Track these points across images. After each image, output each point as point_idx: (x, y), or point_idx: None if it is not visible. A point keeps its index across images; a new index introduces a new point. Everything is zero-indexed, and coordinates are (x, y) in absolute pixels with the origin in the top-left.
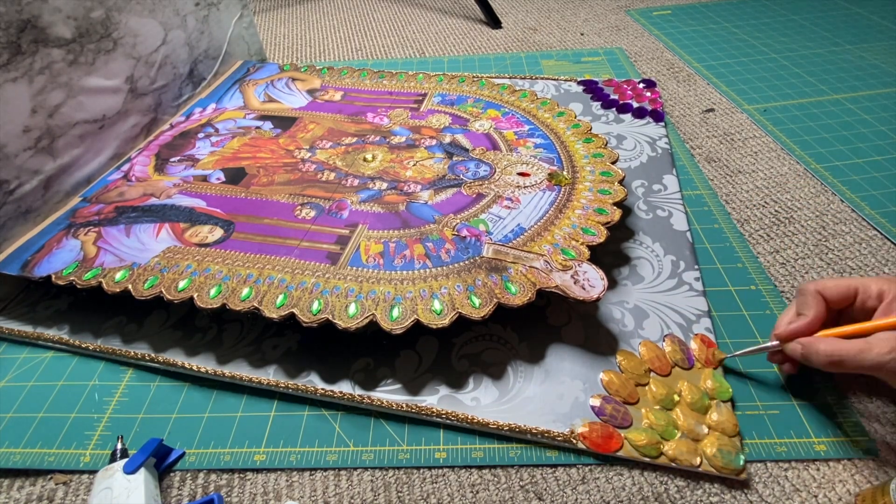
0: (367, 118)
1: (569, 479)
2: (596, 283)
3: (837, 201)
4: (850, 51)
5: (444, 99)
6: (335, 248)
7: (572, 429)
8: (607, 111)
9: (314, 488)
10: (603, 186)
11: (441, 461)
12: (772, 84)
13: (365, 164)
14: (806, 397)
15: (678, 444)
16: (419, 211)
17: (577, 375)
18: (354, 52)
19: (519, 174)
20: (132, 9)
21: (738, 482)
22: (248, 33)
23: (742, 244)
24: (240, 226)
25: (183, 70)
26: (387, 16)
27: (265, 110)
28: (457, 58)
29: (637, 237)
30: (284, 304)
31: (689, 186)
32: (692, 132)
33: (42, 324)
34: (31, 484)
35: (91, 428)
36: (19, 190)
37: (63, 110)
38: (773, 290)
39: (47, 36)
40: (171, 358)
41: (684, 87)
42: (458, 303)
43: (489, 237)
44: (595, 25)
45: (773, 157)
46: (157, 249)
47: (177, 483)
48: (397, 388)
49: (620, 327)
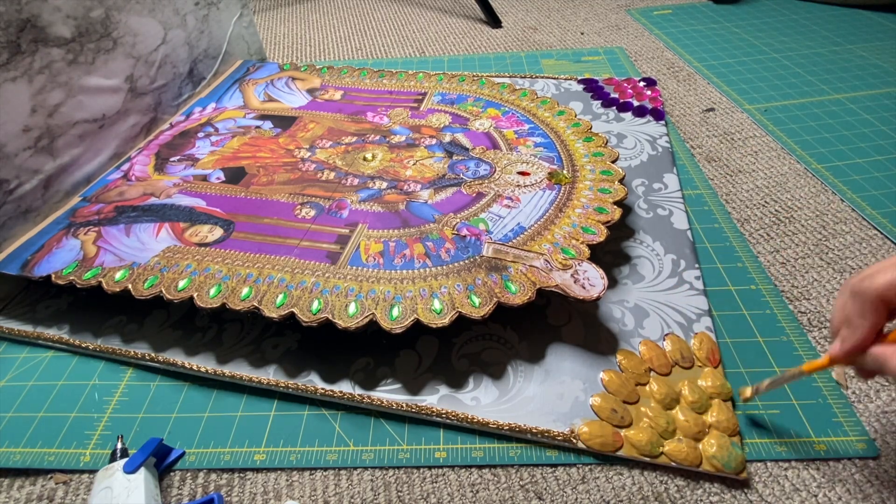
0: (367, 117)
1: (569, 479)
2: (596, 282)
3: (837, 201)
4: (850, 50)
5: (444, 98)
6: (335, 248)
7: (572, 428)
8: (607, 110)
9: (314, 488)
10: (603, 185)
11: (441, 461)
12: (772, 84)
13: (365, 163)
14: (806, 397)
15: (678, 444)
16: (419, 210)
17: (577, 375)
18: (354, 51)
19: (519, 173)
20: (132, 8)
21: (738, 482)
22: (248, 32)
23: (742, 244)
24: (240, 225)
25: (183, 69)
26: (387, 15)
27: (265, 109)
28: (457, 57)
29: (637, 236)
30: (284, 303)
31: (689, 186)
32: (692, 131)
33: (42, 323)
34: (31, 483)
35: (91, 427)
36: (19, 189)
37: (63, 110)
38: (774, 289)
39: (47, 35)
40: (171, 358)
41: (684, 87)
42: (458, 302)
43: (489, 236)
44: (595, 25)
45: (774, 157)
46: (156, 249)
47: (177, 483)
48: (397, 387)
49: (621, 326)
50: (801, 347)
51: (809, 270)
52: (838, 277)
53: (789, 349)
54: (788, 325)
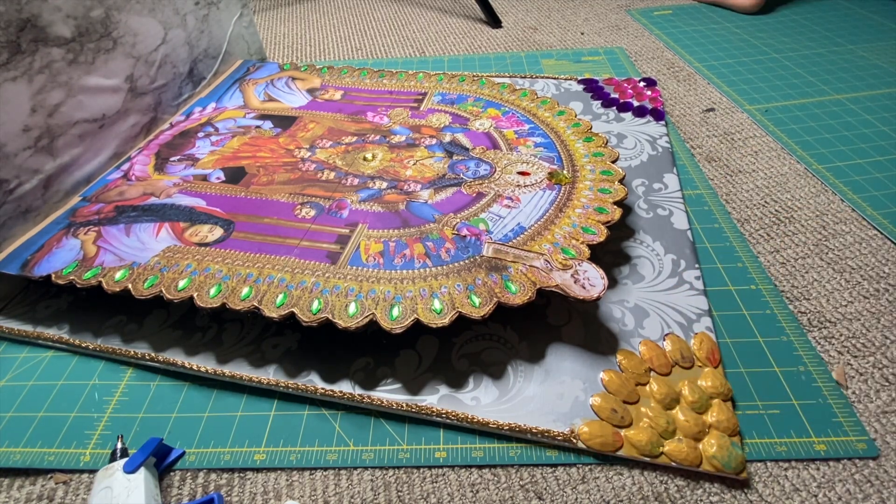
0: (367, 117)
1: (569, 479)
2: (596, 282)
3: (838, 201)
4: (851, 51)
5: (445, 98)
6: (335, 248)
7: (572, 428)
8: (607, 110)
9: (314, 488)
10: (603, 185)
11: (441, 461)
12: (772, 84)
13: (365, 163)
14: (806, 397)
15: (678, 444)
16: (419, 210)
17: (577, 375)
18: (354, 51)
19: (519, 173)
20: (132, 8)
21: (738, 482)
22: (248, 32)
23: (742, 244)
24: (240, 225)
25: (183, 69)
26: (387, 15)
27: (265, 109)
28: (457, 57)
29: (637, 236)
30: (284, 303)
31: (689, 186)
32: (692, 132)
33: (42, 323)
34: (31, 483)
35: (91, 427)
36: (19, 189)
37: (63, 109)
38: (773, 289)
39: (47, 35)
40: (171, 357)
41: (684, 87)
42: (458, 302)
43: (489, 236)
44: (595, 25)
45: (773, 157)
46: (156, 249)
47: (177, 482)
48: (397, 387)
49: (621, 326)
50: (801, 347)
51: (809, 270)
52: (838, 277)
53: (789, 349)
54: (788, 325)
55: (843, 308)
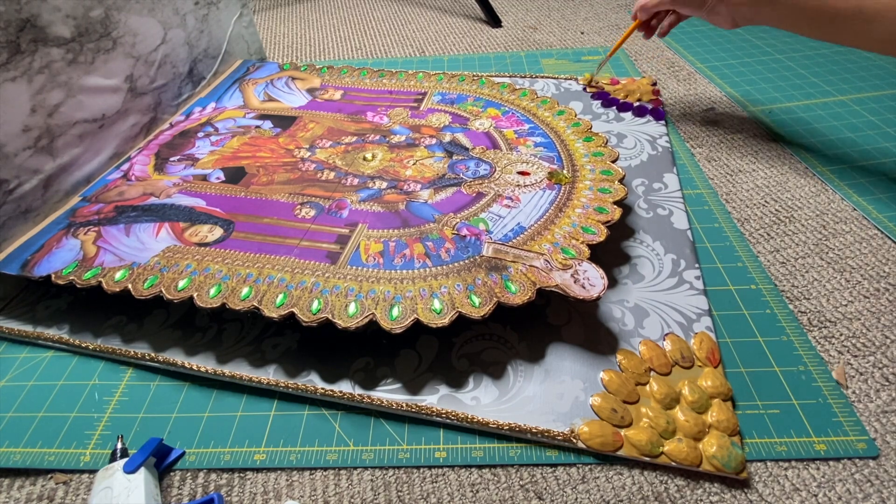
0: (367, 117)
1: (569, 479)
2: (596, 281)
3: (838, 200)
4: (853, 51)
5: (444, 98)
6: (335, 248)
7: (572, 428)
8: (607, 110)
9: (314, 488)
10: (603, 185)
11: (441, 460)
12: (773, 84)
13: (365, 163)
14: (806, 397)
15: (678, 444)
16: (419, 210)
17: (577, 375)
18: (354, 50)
19: (519, 173)
20: (131, 8)
21: (738, 481)
22: (248, 32)
23: (742, 243)
24: (239, 225)
25: (182, 69)
26: (387, 15)
27: (265, 109)
28: (457, 56)
29: (637, 236)
30: (284, 303)
31: (689, 185)
32: (692, 131)
33: (42, 323)
34: (31, 483)
35: (91, 427)
36: (19, 189)
37: (62, 109)
38: (773, 289)
39: (46, 35)
40: (171, 357)
41: (685, 87)
42: (458, 302)
43: (489, 236)
44: (595, 24)
45: (773, 157)
46: (156, 249)
47: (177, 482)
48: (397, 387)
49: (621, 326)
50: (801, 347)
51: (809, 270)
52: (838, 277)
53: (789, 349)
54: (788, 325)
55: (843, 308)
